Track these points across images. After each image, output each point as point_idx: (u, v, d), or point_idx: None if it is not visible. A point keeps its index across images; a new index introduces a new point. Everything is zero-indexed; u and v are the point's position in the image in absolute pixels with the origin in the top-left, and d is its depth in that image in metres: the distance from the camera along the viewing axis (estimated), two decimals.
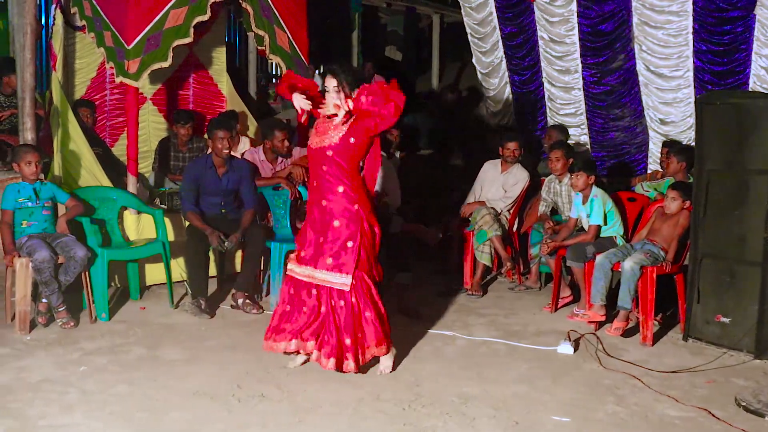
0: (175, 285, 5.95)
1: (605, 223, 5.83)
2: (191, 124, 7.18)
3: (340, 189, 4.37)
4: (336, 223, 4.37)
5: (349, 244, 4.37)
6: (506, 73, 8.74)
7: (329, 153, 4.35)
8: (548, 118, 8.49)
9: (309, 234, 4.50)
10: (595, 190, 5.86)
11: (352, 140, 4.35)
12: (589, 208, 5.83)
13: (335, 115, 4.39)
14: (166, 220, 6.04)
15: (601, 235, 5.83)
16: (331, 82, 4.36)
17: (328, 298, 4.41)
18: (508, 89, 8.83)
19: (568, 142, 7.34)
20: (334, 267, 4.37)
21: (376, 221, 4.49)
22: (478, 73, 9.08)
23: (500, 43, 8.60)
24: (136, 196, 6.13)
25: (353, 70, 4.54)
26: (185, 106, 7.79)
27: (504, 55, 8.64)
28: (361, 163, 4.55)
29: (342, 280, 4.37)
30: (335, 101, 4.37)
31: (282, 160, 6.65)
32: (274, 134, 6.51)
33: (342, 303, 4.39)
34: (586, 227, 5.92)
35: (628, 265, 5.31)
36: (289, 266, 4.60)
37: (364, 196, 4.44)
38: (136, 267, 6.00)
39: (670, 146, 6.50)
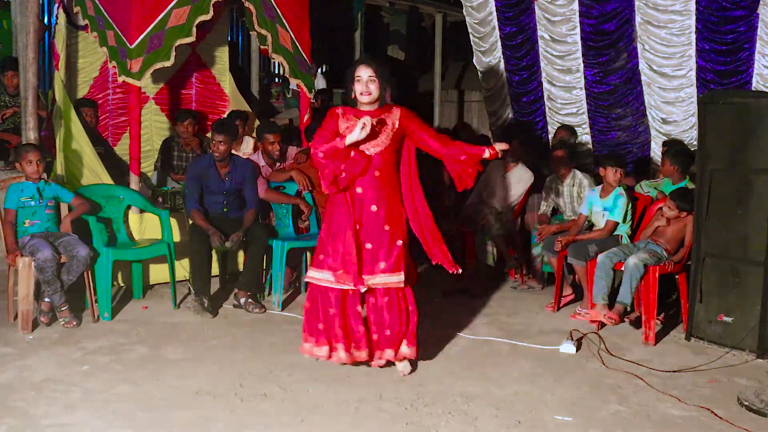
0: (177, 284, 5.96)
1: (624, 222, 5.81)
2: (190, 121, 7.19)
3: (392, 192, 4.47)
4: (387, 227, 4.42)
5: (399, 243, 4.43)
6: (505, 74, 8.74)
7: (381, 157, 4.40)
8: (548, 118, 8.48)
9: (349, 241, 4.39)
10: (620, 188, 5.85)
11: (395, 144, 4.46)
12: (613, 203, 5.80)
13: (373, 112, 4.37)
14: (171, 221, 6.04)
15: None
16: (366, 72, 4.33)
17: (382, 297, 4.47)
18: (506, 89, 8.82)
19: (571, 141, 7.33)
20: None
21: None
22: (478, 72, 9.07)
23: (499, 43, 8.59)
24: (143, 195, 6.15)
25: (384, 64, 4.49)
26: (188, 106, 7.80)
27: (502, 56, 8.63)
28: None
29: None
30: (367, 90, 4.33)
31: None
32: (265, 137, 6.51)
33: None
34: (598, 223, 5.88)
35: (633, 261, 5.30)
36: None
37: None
38: (139, 266, 6.00)
39: (668, 147, 6.47)
